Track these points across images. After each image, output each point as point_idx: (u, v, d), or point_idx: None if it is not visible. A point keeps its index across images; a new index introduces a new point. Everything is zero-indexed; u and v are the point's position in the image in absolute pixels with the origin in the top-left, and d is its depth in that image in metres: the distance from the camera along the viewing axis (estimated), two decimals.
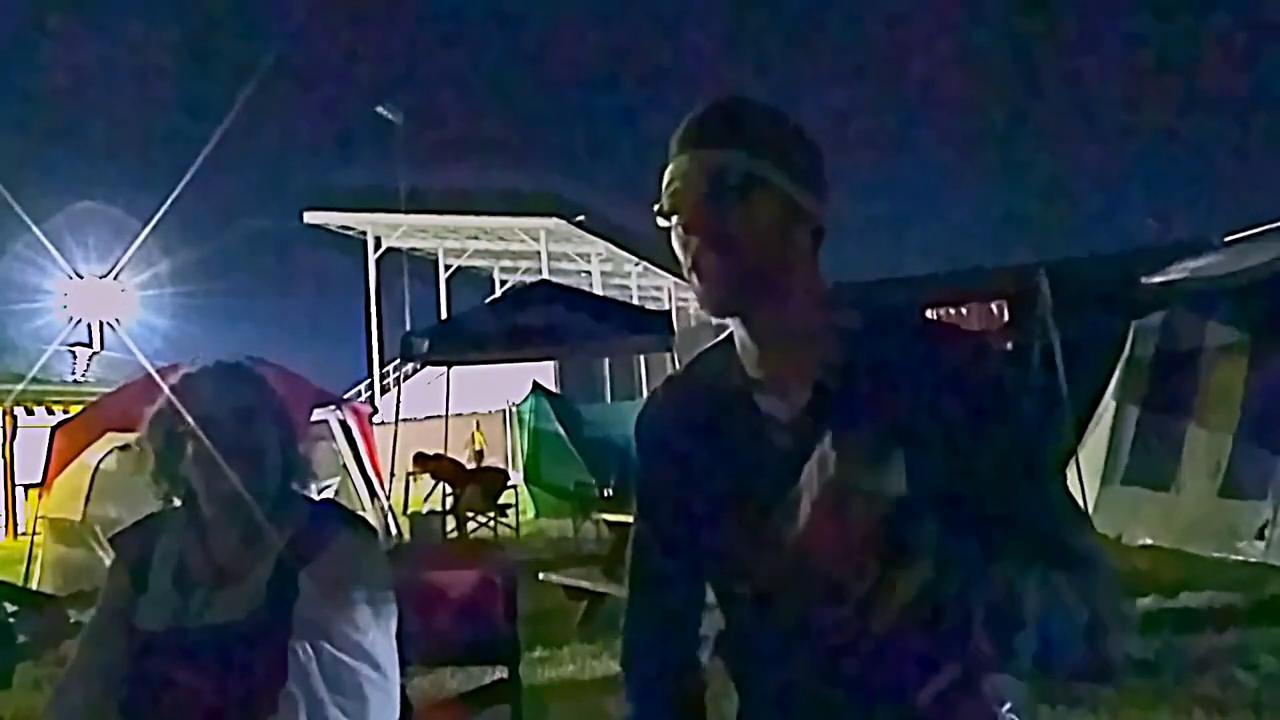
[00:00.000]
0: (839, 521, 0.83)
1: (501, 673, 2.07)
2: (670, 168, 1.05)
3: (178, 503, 1.57)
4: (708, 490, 1.11)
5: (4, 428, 15.53)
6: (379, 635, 1.49)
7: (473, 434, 18.46)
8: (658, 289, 35.55)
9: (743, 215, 1.01)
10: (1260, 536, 5.90)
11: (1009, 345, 8.55)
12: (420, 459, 10.74)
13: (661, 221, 1.06)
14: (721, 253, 1.02)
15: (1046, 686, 2.85)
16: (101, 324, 22.00)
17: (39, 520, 8.21)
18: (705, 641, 1.18)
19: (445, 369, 10.97)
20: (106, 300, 22.17)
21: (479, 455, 17.06)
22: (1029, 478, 1.01)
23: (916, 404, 1.00)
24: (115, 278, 21.74)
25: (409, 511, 10.24)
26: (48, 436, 8.14)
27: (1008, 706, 1.04)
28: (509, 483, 11.06)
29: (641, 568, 1.22)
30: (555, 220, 28.31)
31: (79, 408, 10.27)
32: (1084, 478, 7.24)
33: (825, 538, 0.84)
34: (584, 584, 5.38)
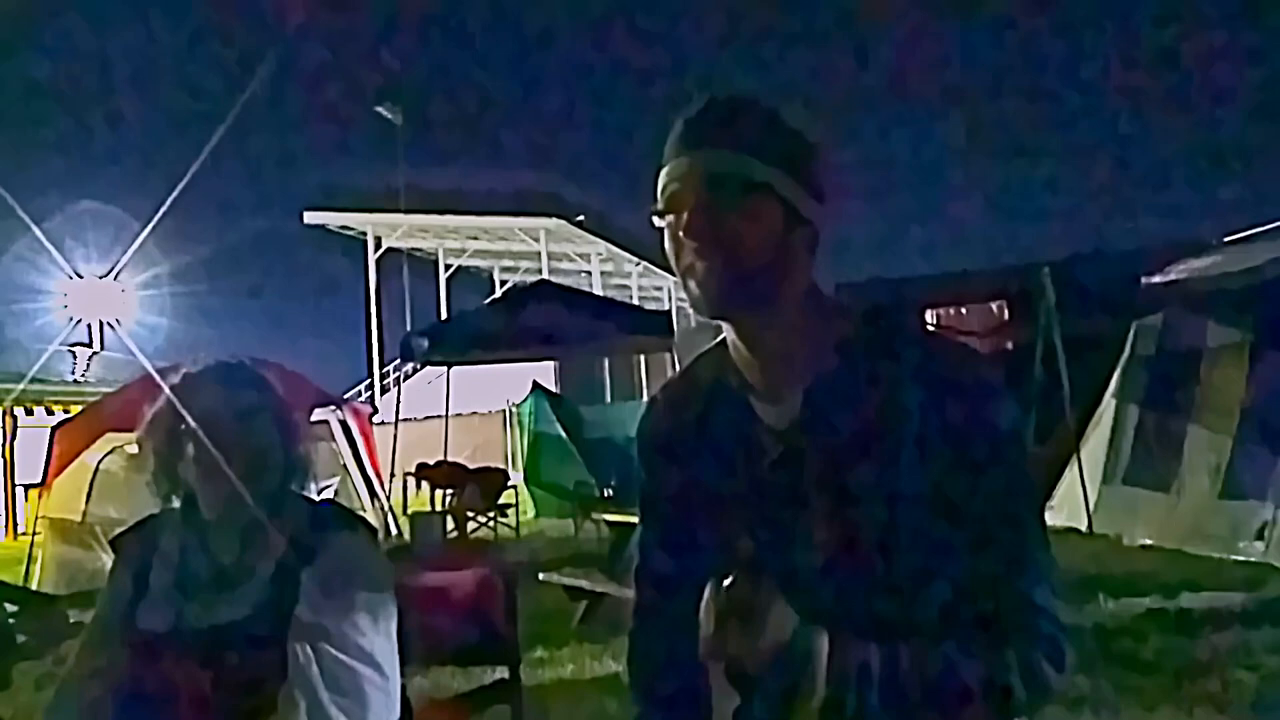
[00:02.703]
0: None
1: (501, 673, 2.07)
2: (668, 168, 1.03)
3: (178, 503, 1.57)
4: (705, 494, 1.11)
5: (4, 428, 15.52)
6: (379, 636, 1.49)
7: None
8: (658, 289, 35.51)
9: (741, 220, 1.00)
10: (1260, 536, 5.90)
11: (1009, 345, 8.55)
12: (422, 469, 10.73)
13: (658, 221, 1.05)
14: (717, 257, 1.00)
15: None
16: (101, 324, 22.01)
17: (39, 520, 8.21)
18: None
19: (445, 369, 10.96)
20: (106, 300, 22.17)
21: None
22: (1009, 510, 1.00)
23: (905, 419, 0.99)
24: (115, 278, 21.75)
25: (409, 511, 10.24)
26: (48, 436, 8.15)
27: None
28: (509, 483, 11.06)
29: (646, 571, 1.22)
30: (555, 220, 28.27)
31: (79, 408, 10.27)
32: (1084, 478, 7.25)
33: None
34: (584, 584, 5.37)
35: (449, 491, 10.58)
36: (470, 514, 10.19)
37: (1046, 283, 7.52)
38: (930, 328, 9.18)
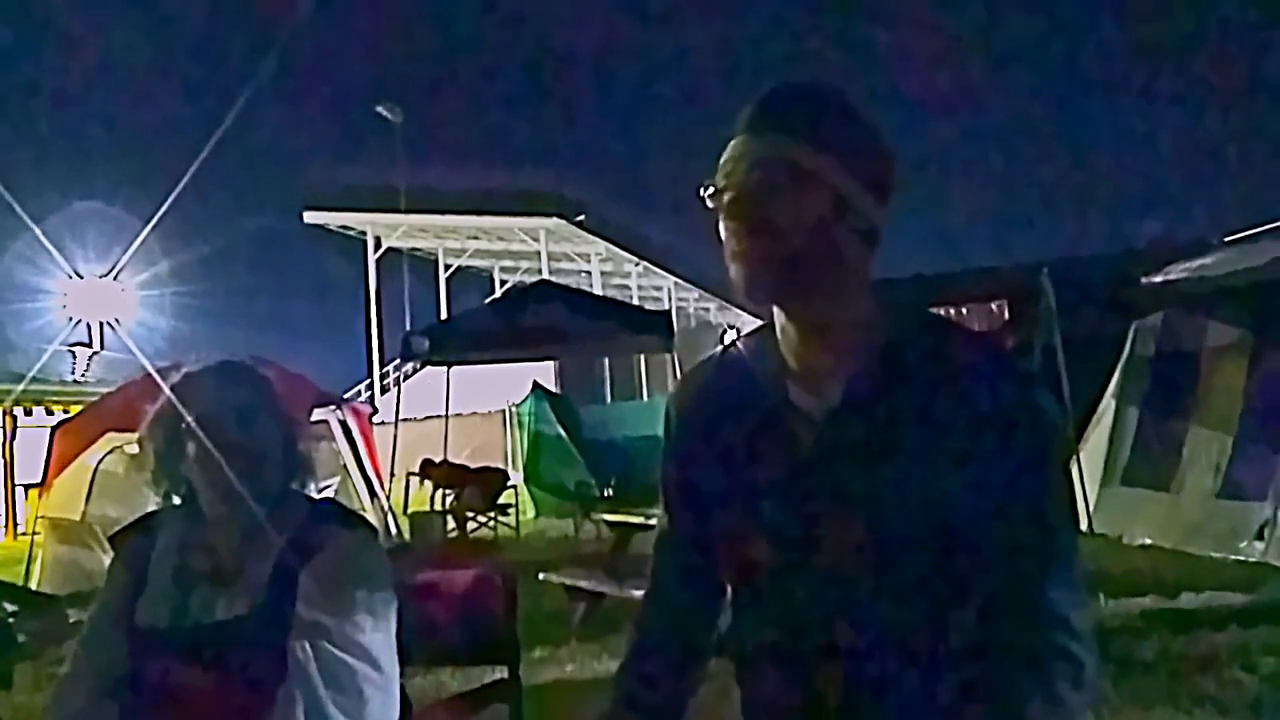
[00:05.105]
0: None
1: (501, 673, 2.06)
2: (728, 148, 1.03)
3: (178, 501, 1.57)
4: (730, 478, 1.09)
5: (4, 428, 15.52)
6: (379, 634, 1.49)
7: None
8: (658, 289, 35.50)
9: (785, 205, 0.98)
10: (1260, 536, 5.90)
11: (1010, 345, 8.55)
12: (426, 466, 10.72)
13: (710, 203, 1.03)
14: (759, 241, 0.99)
15: None
16: (101, 324, 21.99)
17: (39, 520, 8.21)
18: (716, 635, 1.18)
19: (445, 369, 10.97)
20: (106, 300, 22.15)
21: None
22: (1044, 512, 0.99)
23: (949, 415, 0.98)
24: (115, 278, 21.73)
25: (409, 511, 10.24)
26: (48, 436, 8.14)
27: None
28: (509, 483, 11.06)
29: (664, 552, 1.20)
30: (555, 220, 28.25)
31: (79, 408, 10.26)
32: (1084, 478, 7.24)
33: None
34: (584, 584, 5.37)
35: (449, 491, 10.57)
36: (470, 514, 10.19)
37: (1045, 283, 7.52)
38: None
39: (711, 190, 1.03)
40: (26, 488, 13.19)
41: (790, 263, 0.99)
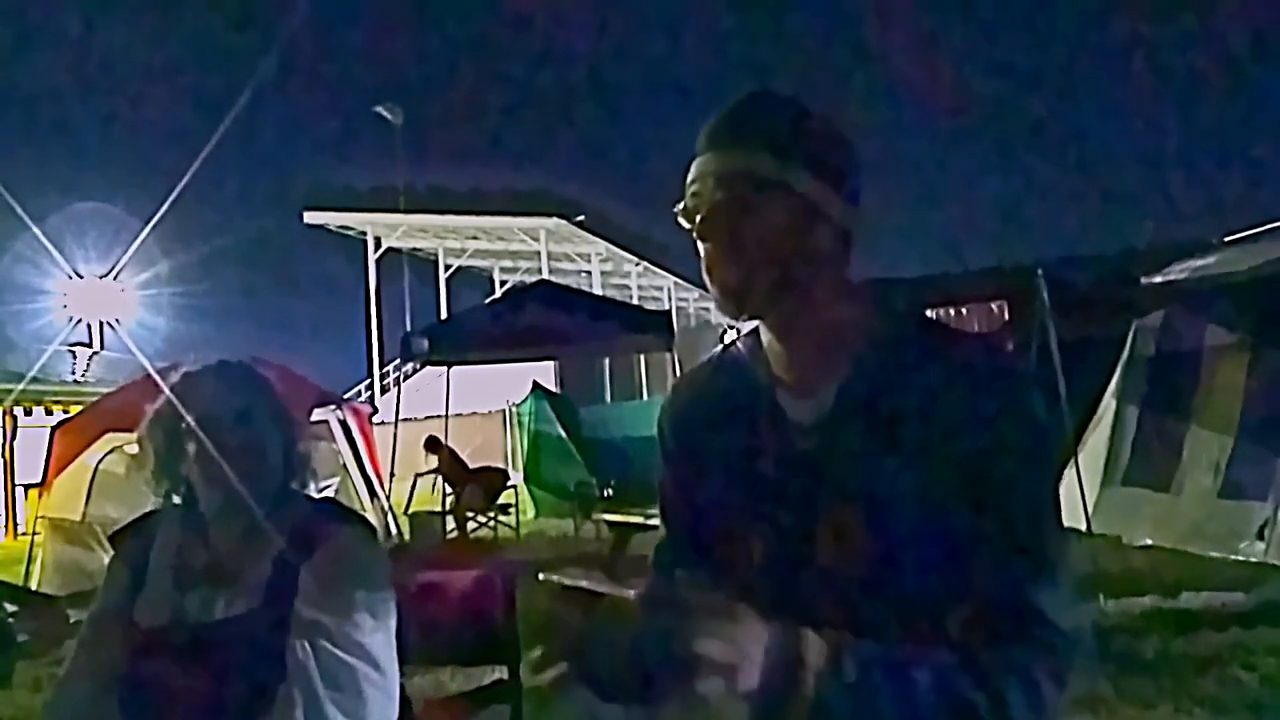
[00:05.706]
0: None
1: (501, 673, 2.06)
2: (693, 167, 1.02)
3: (177, 501, 1.57)
4: (726, 489, 1.08)
5: (4, 428, 15.52)
6: (378, 634, 1.49)
7: None
8: (658, 289, 35.52)
9: (757, 219, 0.98)
10: (1260, 536, 5.90)
11: (1009, 346, 8.56)
12: (431, 443, 10.68)
13: (683, 223, 1.03)
14: (735, 258, 0.99)
15: None
16: (101, 324, 22.03)
17: (39, 520, 8.21)
18: None
19: (445, 369, 10.97)
20: (106, 300, 22.20)
21: None
22: (1034, 512, 0.97)
23: (940, 418, 0.97)
24: (115, 278, 21.78)
25: (409, 511, 10.24)
26: (48, 436, 8.14)
27: None
28: (509, 483, 11.05)
29: (662, 557, 1.19)
30: (555, 220, 28.26)
31: (79, 408, 10.26)
32: (1084, 478, 7.25)
33: None
34: (584, 584, 5.37)
35: (449, 484, 10.56)
36: (470, 514, 10.18)
37: (1041, 284, 7.52)
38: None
39: (682, 208, 1.03)
40: (26, 488, 13.19)
41: (766, 276, 0.99)
